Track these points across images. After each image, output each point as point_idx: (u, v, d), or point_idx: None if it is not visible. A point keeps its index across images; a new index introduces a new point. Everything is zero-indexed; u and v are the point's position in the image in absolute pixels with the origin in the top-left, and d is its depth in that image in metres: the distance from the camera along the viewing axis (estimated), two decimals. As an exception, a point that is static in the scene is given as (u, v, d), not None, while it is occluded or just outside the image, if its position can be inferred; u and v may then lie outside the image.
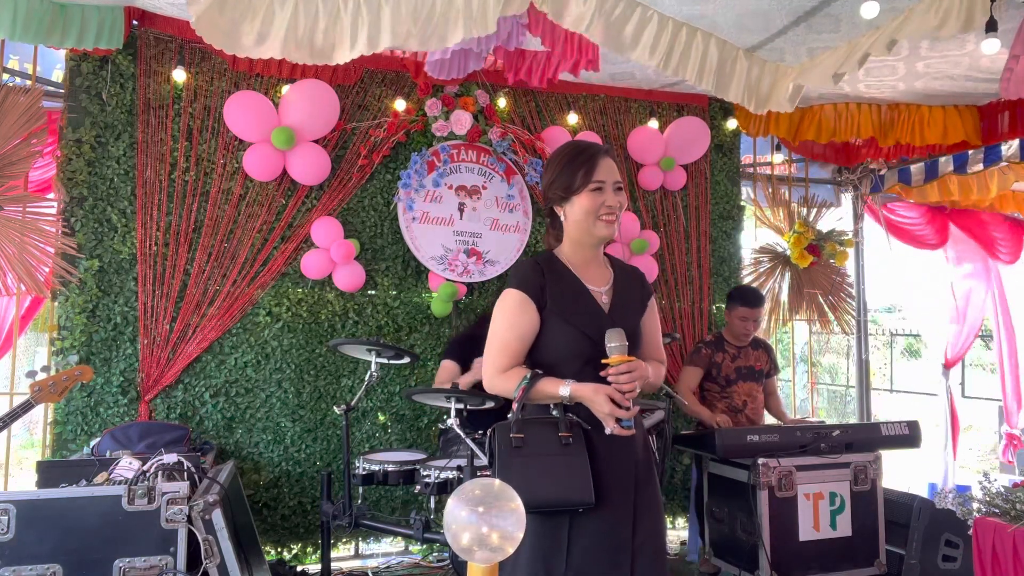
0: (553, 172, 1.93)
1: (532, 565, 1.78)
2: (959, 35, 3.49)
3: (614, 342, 1.79)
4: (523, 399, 1.82)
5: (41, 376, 2.83)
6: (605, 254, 2.05)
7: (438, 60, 3.45)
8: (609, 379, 1.79)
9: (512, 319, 1.89)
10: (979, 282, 6.00)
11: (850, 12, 3.25)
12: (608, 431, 1.80)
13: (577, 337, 1.87)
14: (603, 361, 1.80)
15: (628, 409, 1.78)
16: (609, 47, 3.06)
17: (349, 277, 3.88)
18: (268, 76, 3.84)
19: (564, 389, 1.81)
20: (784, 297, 5.11)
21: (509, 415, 1.84)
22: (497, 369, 1.89)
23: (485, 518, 1.04)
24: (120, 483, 2.56)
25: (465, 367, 3.53)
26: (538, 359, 1.91)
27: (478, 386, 3.31)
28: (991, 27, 2.73)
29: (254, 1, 2.71)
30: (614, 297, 1.95)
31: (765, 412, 4.12)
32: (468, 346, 3.55)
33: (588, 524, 1.80)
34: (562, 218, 1.95)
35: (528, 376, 1.82)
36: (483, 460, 2.86)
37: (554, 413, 1.87)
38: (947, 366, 6.01)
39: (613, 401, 1.76)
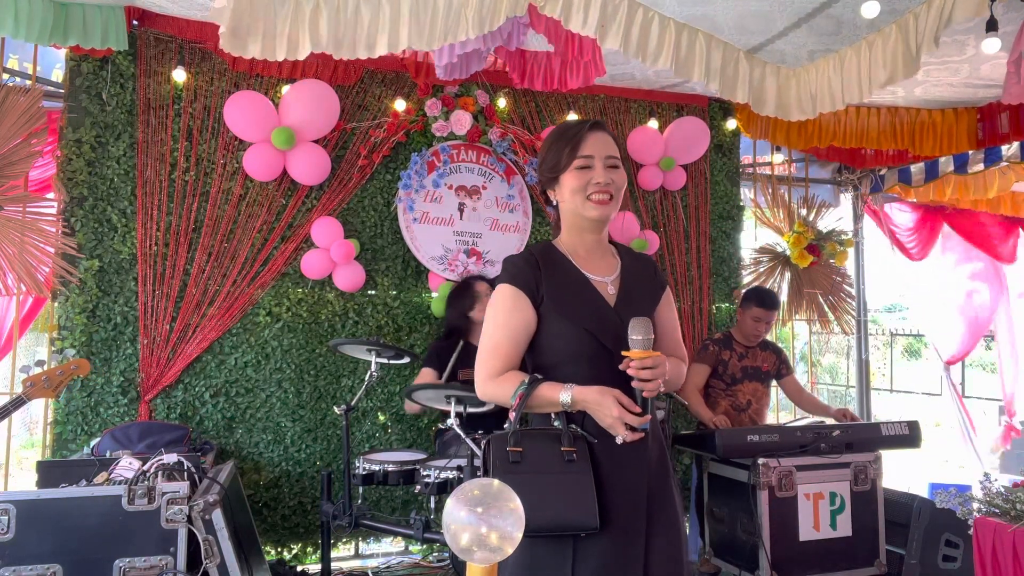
0: (542, 153, 1.78)
1: None
2: (960, 36, 3.50)
3: (638, 334, 1.57)
4: (521, 408, 1.59)
5: (36, 371, 2.80)
6: (612, 242, 1.83)
7: (447, 64, 3.42)
8: (630, 374, 1.56)
9: (502, 317, 1.67)
10: (983, 283, 6.02)
11: (851, 14, 3.26)
12: (619, 440, 1.57)
13: (578, 334, 1.66)
14: (623, 353, 1.59)
15: (641, 415, 1.55)
16: (615, 49, 3.06)
17: (349, 277, 3.88)
18: (268, 76, 3.84)
19: (564, 395, 1.58)
20: (784, 297, 5.10)
21: (506, 425, 1.63)
22: (489, 374, 1.67)
23: (484, 518, 1.04)
24: (120, 483, 2.56)
25: (443, 375, 3.52)
26: (536, 361, 1.71)
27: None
28: (991, 27, 2.72)
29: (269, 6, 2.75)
30: (621, 288, 1.74)
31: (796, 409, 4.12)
32: (446, 354, 3.54)
33: (594, 548, 1.59)
34: (555, 203, 1.78)
35: (526, 382, 1.60)
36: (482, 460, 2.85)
37: (556, 424, 1.65)
38: (948, 363, 6.05)
39: (623, 407, 1.55)
